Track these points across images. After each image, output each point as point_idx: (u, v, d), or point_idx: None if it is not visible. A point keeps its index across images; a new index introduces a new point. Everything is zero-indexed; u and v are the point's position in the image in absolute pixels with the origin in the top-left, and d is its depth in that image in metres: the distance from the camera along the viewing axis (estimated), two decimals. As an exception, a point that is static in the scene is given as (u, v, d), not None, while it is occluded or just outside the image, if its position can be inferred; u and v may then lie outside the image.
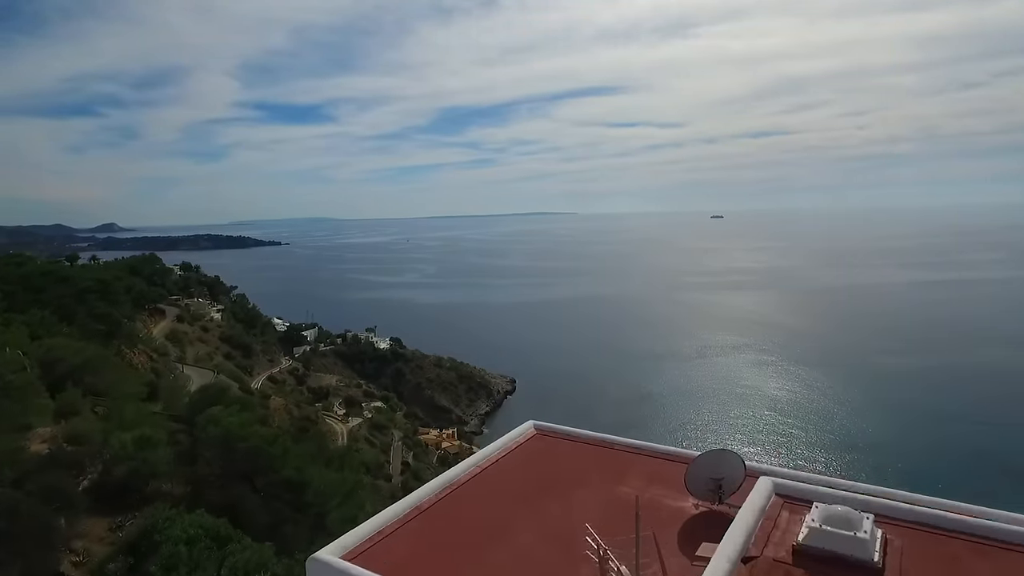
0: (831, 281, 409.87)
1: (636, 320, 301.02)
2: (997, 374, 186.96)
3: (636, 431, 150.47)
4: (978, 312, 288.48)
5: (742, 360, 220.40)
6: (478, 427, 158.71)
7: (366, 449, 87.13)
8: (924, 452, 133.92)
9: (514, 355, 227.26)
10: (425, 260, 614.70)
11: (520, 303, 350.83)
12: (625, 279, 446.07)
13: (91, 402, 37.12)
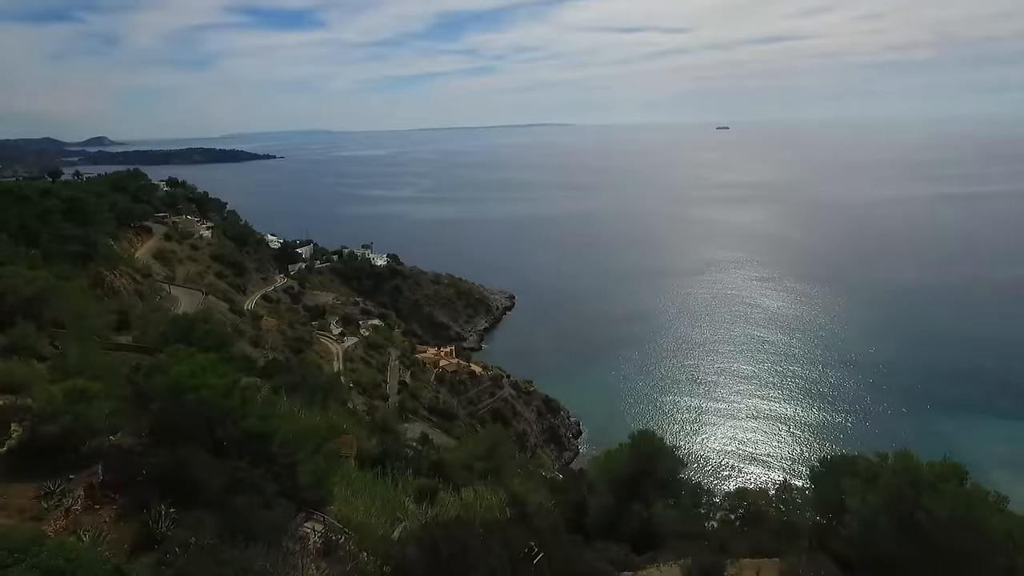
0: (839, 195, 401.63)
1: (637, 236, 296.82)
2: (1007, 292, 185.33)
3: (631, 348, 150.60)
4: (992, 228, 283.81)
5: (744, 277, 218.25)
6: (477, 343, 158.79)
7: (362, 369, 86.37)
8: (921, 369, 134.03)
9: (513, 271, 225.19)
10: (422, 174, 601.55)
11: (520, 218, 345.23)
12: (626, 193, 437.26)
13: (51, 336, 34.32)
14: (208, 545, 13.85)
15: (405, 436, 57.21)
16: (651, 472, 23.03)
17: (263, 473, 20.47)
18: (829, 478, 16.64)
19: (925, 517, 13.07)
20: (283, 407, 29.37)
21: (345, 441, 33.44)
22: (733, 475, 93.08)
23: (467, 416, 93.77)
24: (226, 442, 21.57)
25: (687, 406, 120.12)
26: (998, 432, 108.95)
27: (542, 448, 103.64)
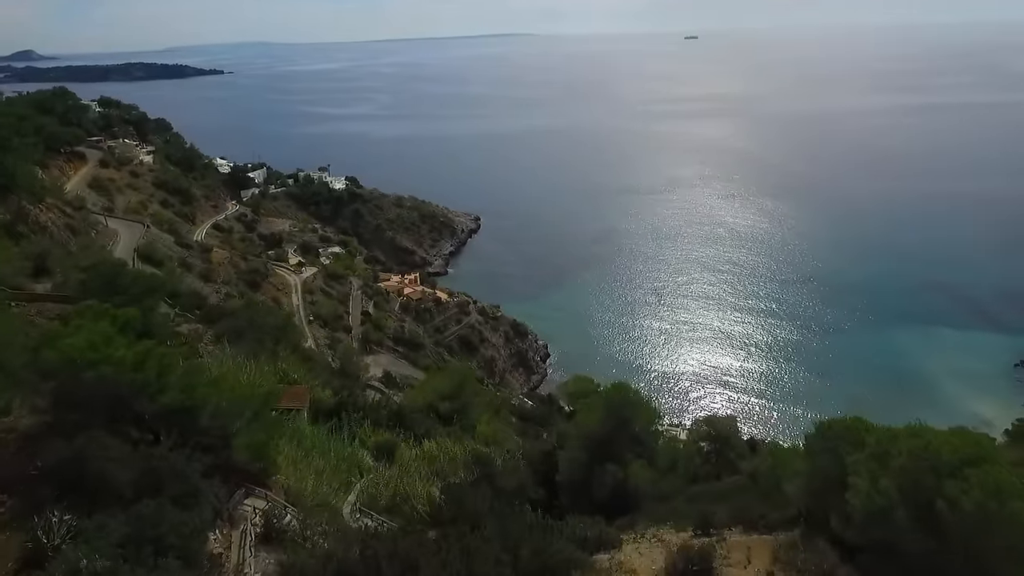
0: (805, 107, 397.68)
1: (603, 152, 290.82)
2: (965, 204, 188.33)
3: (597, 270, 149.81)
4: (952, 140, 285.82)
5: (710, 193, 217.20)
6: (443, 268, 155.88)
7: (322, 301, 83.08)
8: (881, 283, 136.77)
9: (478, 191, 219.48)
10: (379, 89, 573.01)
11: (483, 135, 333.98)
12: (590, 108, 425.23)
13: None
14: (102, 570, 11.32)
15: (366, 376, 55.28)
16: (626, 426, 21.18)
17: (191, 451, 17.93)
18: (827, 447, 14.76)
19: (948, 508, 11.21)
20: (217, 368, 26.50)
21: (297, 393, 30.98)
22: (702, 397, 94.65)
23: (434, 345, 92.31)
24: (148, 420, 18.87)
25: (654, 327, 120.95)
26: (950, 342, 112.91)
27: (510, 373, 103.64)
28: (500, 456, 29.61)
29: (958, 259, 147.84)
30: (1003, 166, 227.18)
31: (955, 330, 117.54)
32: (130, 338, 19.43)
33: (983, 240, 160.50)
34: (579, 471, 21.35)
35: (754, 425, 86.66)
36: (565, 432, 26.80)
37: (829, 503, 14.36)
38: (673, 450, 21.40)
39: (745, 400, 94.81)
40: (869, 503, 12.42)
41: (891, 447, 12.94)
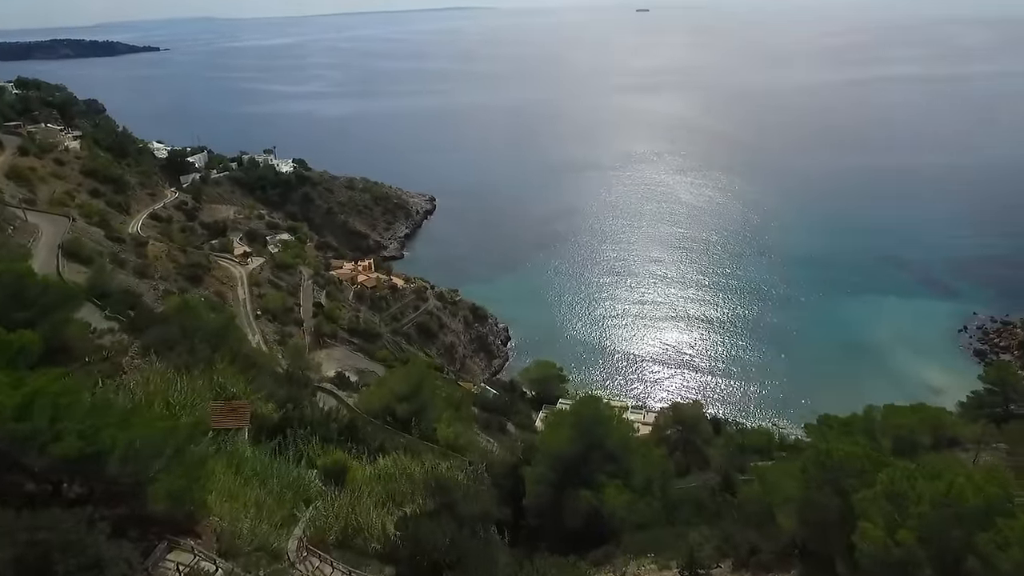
0: (756, 81, 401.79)
1: (558, 128, 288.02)
2: (912, 177, 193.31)
3: (556, 249, 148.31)
4: (898, 114, 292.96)
5: (664, 168, 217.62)
6: (398, 251, 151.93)
7: (271, 294, 78.81)
8: (833, 255, 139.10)
9: (433, 171, 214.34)
10: (330, 66, 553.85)
11: (437, 112, 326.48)
12: (546, 83, 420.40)
13: None
14: None
15: (318, 377, 52.33)
16: (598, 445, 19.30)
17: (96, 507, 15.25)
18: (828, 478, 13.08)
19: (981, 567, 9.57)
20: (140, 388, 23.51)
21: (236, 410, 28.16)
22: (664, 378, 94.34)
23: (391, 334, 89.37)
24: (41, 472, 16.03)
25: (614, 306, 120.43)
26: (899, 311, 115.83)
27: (471, 358, 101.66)
28: (462, 469, 27.43)
29: (905, 229, 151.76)
30: (950, 140, 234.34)
31: (903, 299, 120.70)
32: (20, 372, 16.47)
33: (929, 211, 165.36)
34: (547, 495, 19.39)
35: (717, 404, 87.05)
36: (532, 444, 24.85)
37: (831, 542, 12.68)
38: (648, 465, 19.72)
39: (707, 380, 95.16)
40: (886, 554, 10.75)
41: (907, 488, 11.34)
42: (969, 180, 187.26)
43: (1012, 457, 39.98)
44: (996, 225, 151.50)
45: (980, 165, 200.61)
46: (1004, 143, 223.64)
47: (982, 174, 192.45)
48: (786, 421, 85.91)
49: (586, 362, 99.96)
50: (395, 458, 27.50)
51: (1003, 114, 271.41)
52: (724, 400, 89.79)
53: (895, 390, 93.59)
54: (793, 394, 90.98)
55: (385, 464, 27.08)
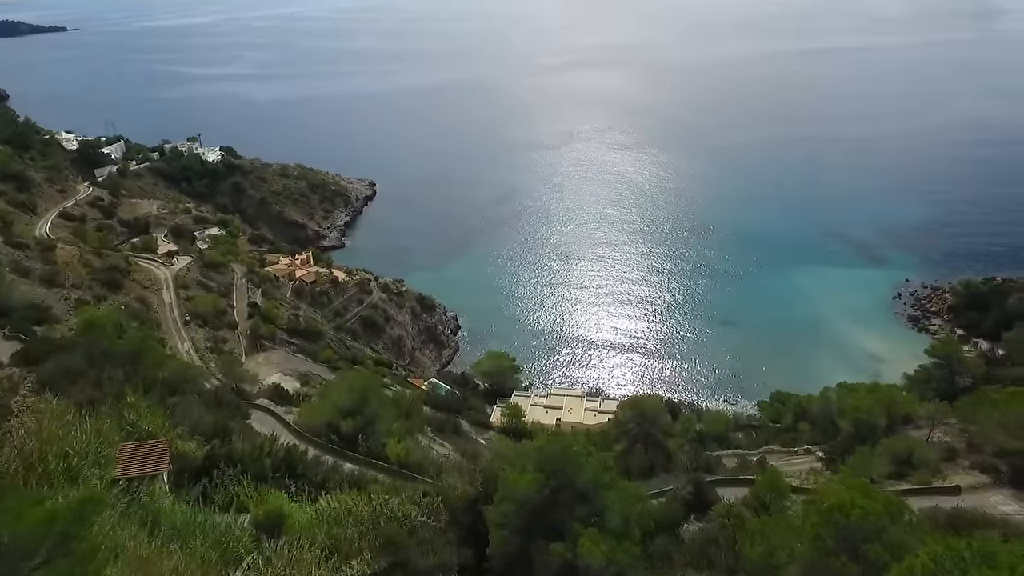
0: (692, 55, 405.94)
1: (499, 108, 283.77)
2: (844, 147, 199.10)
3: (502, 233, 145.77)
4: (833, 85, 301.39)
5: (608, 146, 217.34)
6: (339, 240, 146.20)
7: (200, 297, 73.17)
8: (774, 228, 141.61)
9: (371, 155, 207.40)
10: (256, 45, 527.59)
11: (372, 94, 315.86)
12: (484, 61, 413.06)
13: None
14: None
15: (255, 390, 48.38)
16: (568, 486, 17.09)
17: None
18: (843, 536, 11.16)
19: None
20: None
21: (152, 453, 24.57)
22: (617, 365, 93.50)
23: (334, 331, 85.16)
24: None
25: (562, 289, 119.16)
26: (838, 281, 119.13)
27: (420, 350, 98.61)
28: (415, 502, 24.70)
29: (836, 200, 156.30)
30: (873, 110, 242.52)
31: (841, 269, 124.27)
32: None
33: (856, 181, 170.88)
34: (514, 543, 17.08)
35: (672, 387, 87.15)
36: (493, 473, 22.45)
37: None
38: (625, 501, 17.69)
39: (659, 362, 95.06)
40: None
41: (952, 567, 9.54)
42: (892, 149, 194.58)
43: (964, 434, 40.41)
44: (918, 193, 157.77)
45: (901, 134, 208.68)
46: (923, 112, 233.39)
47: (903, 142, 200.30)
48: (739, 398, 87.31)
49: (538, 350, 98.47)
50: (339, 498, 24.50)
51: (921, 84, 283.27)
52: (678, 381, 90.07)
53: (839, 361, 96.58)
54: (744, 370, 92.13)
55: (328, 504, 24.04)
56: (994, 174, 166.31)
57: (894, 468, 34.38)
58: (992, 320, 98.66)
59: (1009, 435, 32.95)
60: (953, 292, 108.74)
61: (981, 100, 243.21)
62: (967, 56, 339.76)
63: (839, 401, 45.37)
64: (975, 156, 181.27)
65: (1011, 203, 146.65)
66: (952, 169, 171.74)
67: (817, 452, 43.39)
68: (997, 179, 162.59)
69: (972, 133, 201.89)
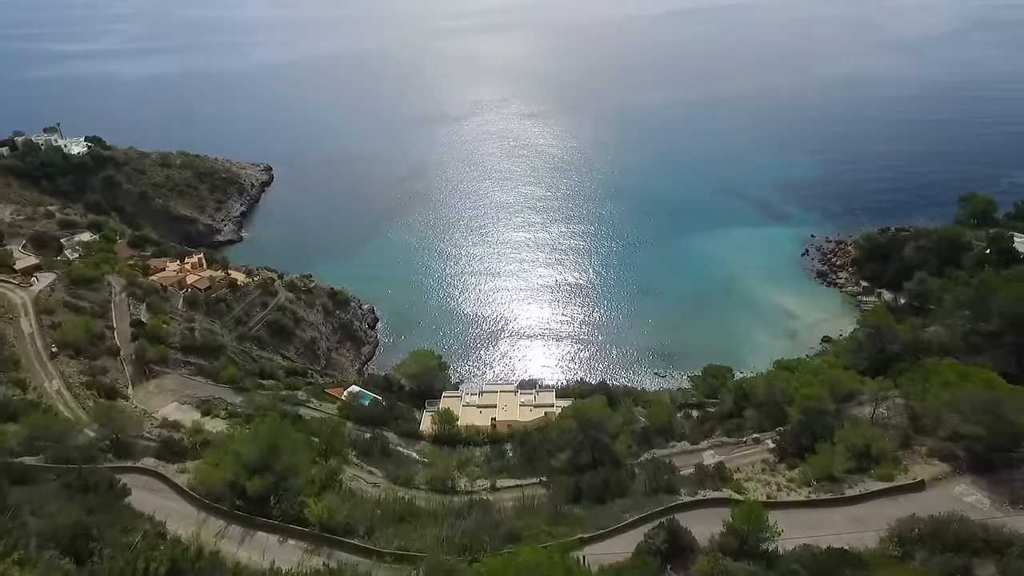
0: (586, 14, 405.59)
1: (397, 77, 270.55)
2: (739, 105, 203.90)
3: (414, 211, 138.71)
4: (723, 43, 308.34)
5: (513, 115, 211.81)
6: (235, 233, 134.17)
7: (70, 321, 62.63)
8: (677, 192, 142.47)
9: (265, 136, 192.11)
10: (124, 17, 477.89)
11: (261, 67, 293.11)
12: (378, 27, 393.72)
13: None
14: None
15: (143, 441, 40.82)
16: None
17: None
18: None
19: None
20: None
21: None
22: (547, 351, 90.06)
23: (237, 342, 76.86)
24: None
25: (481, 265, 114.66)
26: (747, 241, 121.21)
27: (337, 351, 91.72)
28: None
29: (738, 160, 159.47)
30: (761, 67, 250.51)
31: (748, 228, 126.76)
32: None
33: (755, 140, 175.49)
34: None
35: (605, 369, 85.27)
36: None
37: None
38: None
39: (589, 344, 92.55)
40: None
41: None
42: (782, 107, 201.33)
43: (909, 408, 39.84)
44: (812, 150, 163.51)
45: (790, 92, 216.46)
46: (810, 69, 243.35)
47: (792, 100, 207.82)
48: (670, 369, 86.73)
49: (463, 338, 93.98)
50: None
51: (809, 42, 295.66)
52: (608, 359, 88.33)
53: (758, 322, 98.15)
54: (670, 340, 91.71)
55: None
56: (879, 130, 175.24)
57: (854, 463, 32.94)
58: (893, 270, 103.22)
59: (963, 418, 32.08)
60: (856, 245, 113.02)
61: (866, 57, 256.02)
62: (853, 13, 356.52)
63: (782, 384, 44.04)
64: (862, 111, 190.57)
65: (896, 158, 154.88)
66: (841, 127, 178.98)
67: (767, 442, 41.93)
68: (883, 136, 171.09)
69: (858, 90, 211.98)
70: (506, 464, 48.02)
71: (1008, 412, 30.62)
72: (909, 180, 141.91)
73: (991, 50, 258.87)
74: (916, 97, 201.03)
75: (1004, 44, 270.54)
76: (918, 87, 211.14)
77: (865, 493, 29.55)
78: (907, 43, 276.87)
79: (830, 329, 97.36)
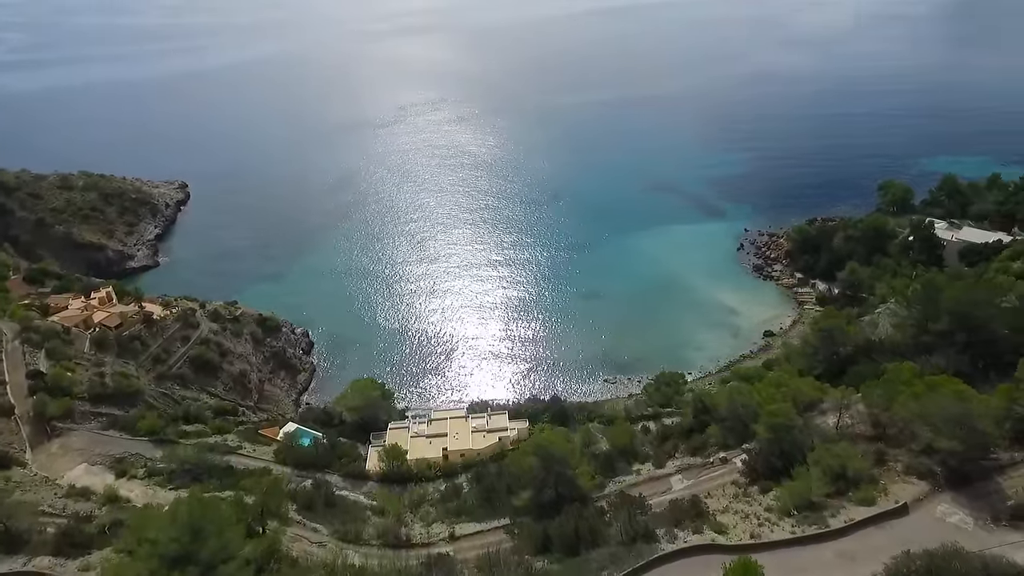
0: (503, 17, 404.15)
1: (322, 84, 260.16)
2: (663, 104, 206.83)
3: (344, 224, 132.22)
4: (644, 45, 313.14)
5: (442, 120, 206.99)
6: (150, 258, 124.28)
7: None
8: (612, 192, 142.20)
9: (178, 151, 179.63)
10: (6, 25, 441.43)
11: (167, 77, 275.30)
12: (293, 31, 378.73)
13: None
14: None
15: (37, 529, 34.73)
16: None
17: None
18: None
19: None
20: None
21: None
22: (498, 362, 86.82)
23: (157, 384, 69.89)
24: None
25: (419, 279, 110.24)
26: (684, 238, 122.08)
27: (270, 382, 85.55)
28: None
29: (666, 157, 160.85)
30: (678, 66, 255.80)
31: (684, 225, 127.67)
32: None
33: (680, 135, 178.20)
34: None
35: (554, 383, 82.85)
36: None
37: None
38: None
39: (536, 352, 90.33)
40: None
41: None
42: (698, 104, 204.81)
43: (872, 416, 39.12)
44: (735, 145, 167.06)
45: (705, 89, 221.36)
46: (722, 66, 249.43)
47: (709, 98, 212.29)
48: (619, 376, 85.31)
49: (406, 357, 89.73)
50: None
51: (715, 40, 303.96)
52: (558, 370, 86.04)
53: (702, 320, 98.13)
54: (617, 345, 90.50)
55: None
56: (796, 124, 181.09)
57: (832, 487, 31.54)
58: (824, 261, 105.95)
59: (936, 431, 31.20)
60: (788, 238, 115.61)
61: (775, 54, 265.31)
62: (761, 13, 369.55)
63: (744, 398, 42.65)
64: (778, 107, 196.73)
65: (816, 150, 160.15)
66: (758, 124, 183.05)
67: (735, 461, 40.37)
68: (800, 129, 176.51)
69: (771, 86, 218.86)
70: (463, 504, 44.62)
71: (980, 423, 29.89)
72: (830, 171, 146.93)
73: (889, 44, 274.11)
74: (826, 92, 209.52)
75: (900, 39, 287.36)
76: (827, 82, 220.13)
77: (851, 524, 28.08)
78: (812, 39, 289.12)
79: (771, 323, 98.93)
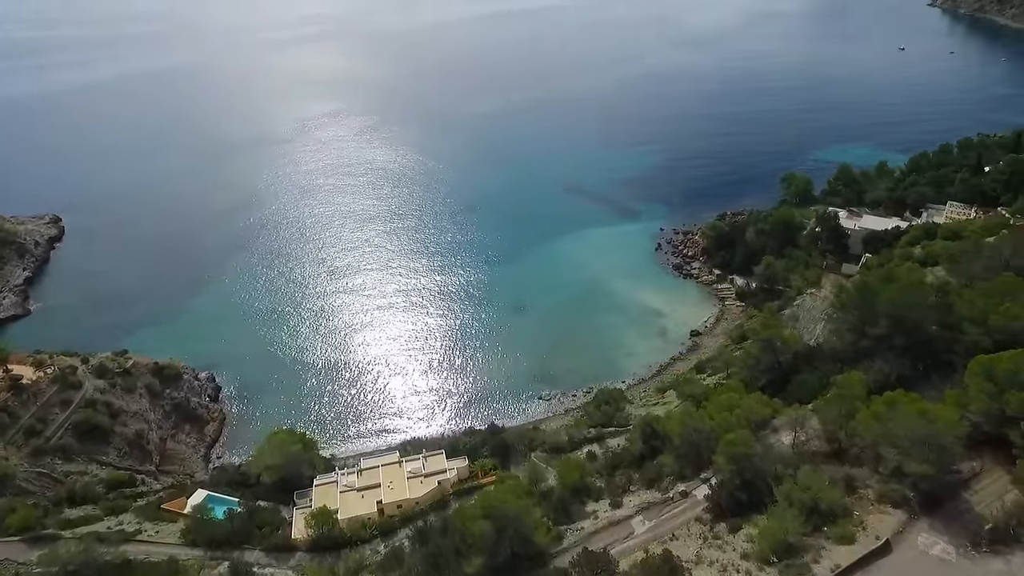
0: (399, 22, 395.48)
1: (218, 97, 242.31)
2: (568, 106, 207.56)
3: (245, 253, 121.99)
4: (538, 45, 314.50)
5: (346, 131, 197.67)
6: (20, 306, 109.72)
7: None
8: (525, 199, 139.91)
9: (50, 181, 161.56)
10: None
11: (45, 94, 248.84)
12: (179, 42, 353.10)
13: None
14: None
15: None
16: None
17: None
18: None
19: None
20: None
21: None
22: (428, 394, 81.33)
23: (31, 461, 60.07)
24: None
25: (336, 311, 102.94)
26: (601, 242, 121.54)
27: (173, 439, 76.52)
28: None
29: (574, 161, 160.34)
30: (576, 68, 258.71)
31: (601, 228, 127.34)
32: None
33: (585, 138, 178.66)
34: None
35: (487, 400, 78.87)
36: None
37: None
38: None
39: (467, 376, 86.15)
40: None
41: None
42: (600, 105, 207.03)
43: (828, 433, 37.91)
44: (640, 144, 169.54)
45: (604, 89, 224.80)
46: (620, 67, 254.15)
47: (610, 98, 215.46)
48: (554, 391, 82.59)
49: (326, 398, 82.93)
50: None
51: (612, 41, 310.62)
52: (491, 393, 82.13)
53: (630, 325, 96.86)
54: (549, 359, 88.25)
55: None
56: (698, 122, 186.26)
57: (808, 524, 29.56)
58: (740, 256, 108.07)
59: (903, 453, 29.88)
60: (702, 235, 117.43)
61: (670, 54, 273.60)
62: (655, 13, 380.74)
63: (696, 423, 40.53)
64: (677, 106, 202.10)
65: (719, 146, 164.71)
66: (662, 124, 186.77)
67: (696, 494, 38.04)
68: (701, 128, 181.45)
69: (669, 85, 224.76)
70: (408, 573, 39.93)
71: (948, 442, 28.75)
72: (733, 166, 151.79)
73: (773, 42, 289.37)
74: (720, 90, 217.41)
75: (781, 36, 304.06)
76: (719, 80, 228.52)
77: (839, 572, 26.02)
78: (704, 39, 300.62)
79: (694, 322, 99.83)
